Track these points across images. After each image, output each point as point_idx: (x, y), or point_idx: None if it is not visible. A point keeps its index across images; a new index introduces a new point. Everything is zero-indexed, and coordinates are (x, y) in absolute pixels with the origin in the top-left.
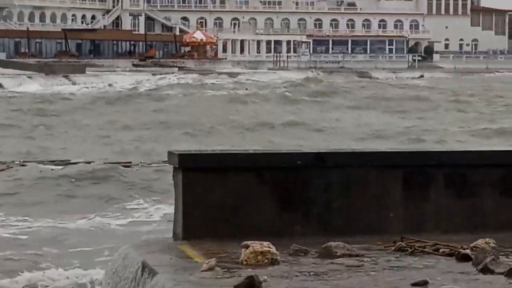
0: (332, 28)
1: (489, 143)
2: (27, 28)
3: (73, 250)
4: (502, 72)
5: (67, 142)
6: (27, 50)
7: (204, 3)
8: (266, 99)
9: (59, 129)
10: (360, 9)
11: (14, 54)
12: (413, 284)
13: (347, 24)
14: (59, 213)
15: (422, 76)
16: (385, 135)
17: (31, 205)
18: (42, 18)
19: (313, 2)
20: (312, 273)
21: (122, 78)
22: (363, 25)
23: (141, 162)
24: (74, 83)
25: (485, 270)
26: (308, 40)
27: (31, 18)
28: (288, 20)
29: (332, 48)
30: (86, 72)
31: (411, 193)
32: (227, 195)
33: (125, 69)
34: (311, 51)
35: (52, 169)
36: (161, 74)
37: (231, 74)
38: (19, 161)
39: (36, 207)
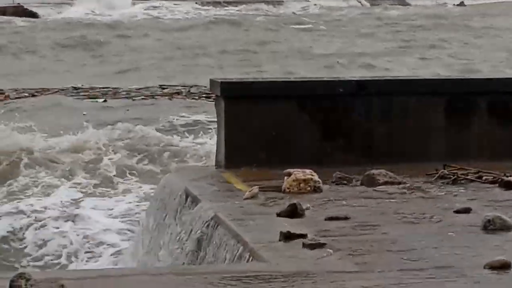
0: None
1: None
2: None
3: None
4: None
5: (121, 68)
6: None
7: None
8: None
9: (108, 56)
10: None
11: None
12: (455, 212)
13: None
14: None
15: (462, 3)
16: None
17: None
18: None
19: None
20: (354, 201)
21: (169, 4)
22: None
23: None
24: (114, 8)
25: None
26: None
27: None
28: None
29: None
30: None
31: (454, 121)
32: (269, 123)
33: None
34: None
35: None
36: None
37: (274, 3)
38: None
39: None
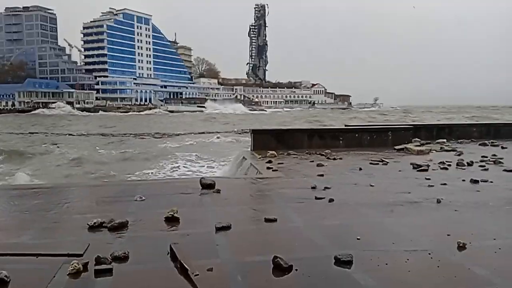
0: None
1: None
2: None
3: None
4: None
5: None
6: None
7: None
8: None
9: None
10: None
11: None
12: (317, 165)
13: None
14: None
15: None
16: None
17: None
18: None
19: None
20: (291, 159)
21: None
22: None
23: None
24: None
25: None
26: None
27: None
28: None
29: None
30: None
31: (312, 139)
32: (264, 139)
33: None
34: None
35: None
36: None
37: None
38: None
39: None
